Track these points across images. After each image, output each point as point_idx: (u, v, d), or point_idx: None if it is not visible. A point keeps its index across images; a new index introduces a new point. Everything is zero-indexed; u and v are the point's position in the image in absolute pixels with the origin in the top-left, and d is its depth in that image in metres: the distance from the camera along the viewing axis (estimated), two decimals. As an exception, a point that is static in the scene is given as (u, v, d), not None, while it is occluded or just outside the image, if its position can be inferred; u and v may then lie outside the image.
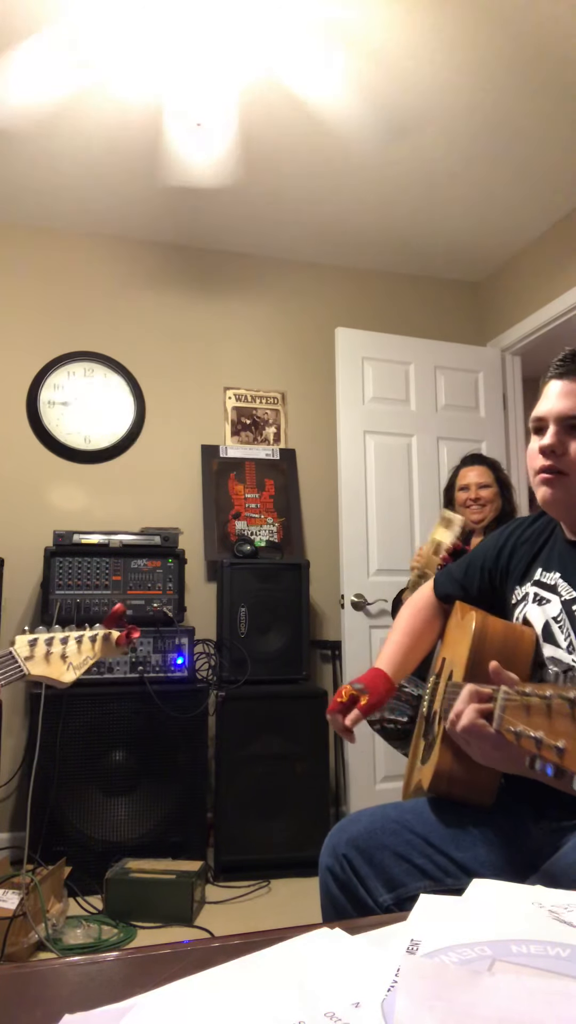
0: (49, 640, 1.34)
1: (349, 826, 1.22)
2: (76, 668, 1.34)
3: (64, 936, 2.29)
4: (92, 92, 2.62)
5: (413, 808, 1.24)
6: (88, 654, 1.36)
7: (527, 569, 1.31)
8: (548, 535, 1.32)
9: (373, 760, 3.26)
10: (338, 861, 1.18)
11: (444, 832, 1.18)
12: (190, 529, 3.47)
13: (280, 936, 0.55)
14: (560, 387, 1.18)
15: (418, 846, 1.17)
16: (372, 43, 2.39)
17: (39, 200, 3.34)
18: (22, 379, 3.46)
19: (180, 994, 0.47)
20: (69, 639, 1.36)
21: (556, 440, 1.16)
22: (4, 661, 1.29)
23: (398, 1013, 0.41)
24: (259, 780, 2.91)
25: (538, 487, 1.21)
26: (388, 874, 1.15)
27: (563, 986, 0.43)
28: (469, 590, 1.43)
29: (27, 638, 1.33)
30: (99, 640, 1.38)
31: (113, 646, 1.40)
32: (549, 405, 1.18)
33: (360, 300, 3.96)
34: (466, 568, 1.45)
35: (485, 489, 2.73)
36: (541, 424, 1.20)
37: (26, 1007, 0.52)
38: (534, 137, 2.90)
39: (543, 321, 3.57)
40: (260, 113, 2.72)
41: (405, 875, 1.15)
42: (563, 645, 1.16)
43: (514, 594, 1.32)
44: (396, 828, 1.19)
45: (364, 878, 1.15)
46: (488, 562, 1.40)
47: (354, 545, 3.39)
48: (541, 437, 1.20)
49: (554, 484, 1.17)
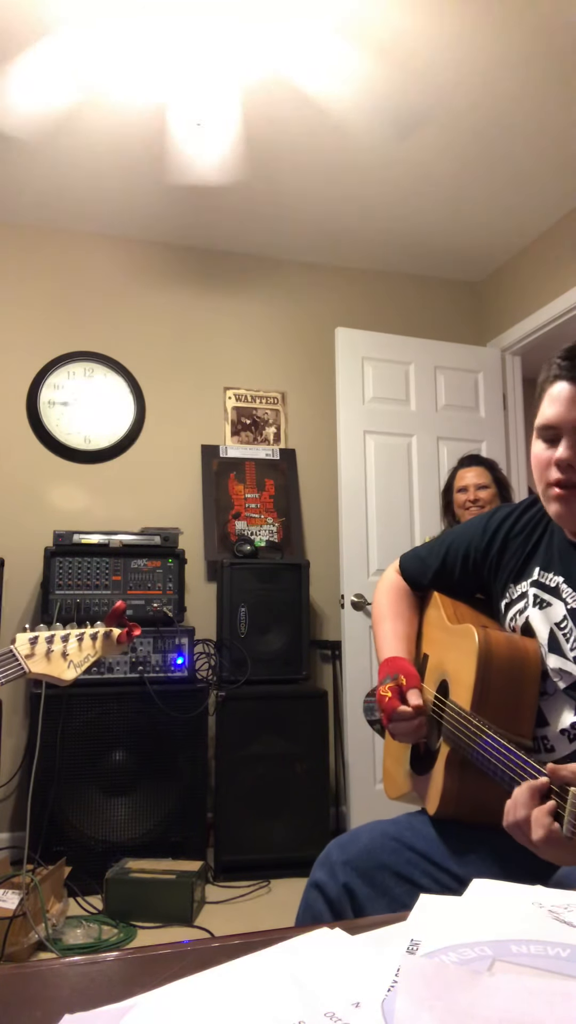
0: (50, 638, 1.34)
1: (348, 845, 1.18)
2: (77, 666, 1.34)
3: (64, 936, 2.29)
4: (95, 96, 2.62)
5: (412, 824, 1.20)
6: (89, 652, 1.36)
7: (523, 566, 1.25)
8: (543, 530, 1.25)
9: (373, 760, 3.26)
10: (336, 885, 1.13)
11: (444, 848, 1.15)
12: (190, 529, 3.47)
13: (280, 936, 0.55)
14: (571, 391, 1.08)
15: (419, 864, 1.14)
16: (379, 40, 2.38)
17: (41, 201, 3.34)
18: (22, 379, 3.46)
19: (180, 994, 0.47)
20: (70, 637, 1.35)
21: (573, 453, 1.08)
22: (5, 659, 1.29)
23: (398, 1013, 0.41)
24: (259, 780, 2.91)
25: (550, 501, 1.13)
26: (390, 895, 1.11)
27: (563, 986, 0.43)
28: (447, 579, 1.36)
29: (28, 636, 1.33)
30: (100, 638, 1.38)
31: (114, 644, 1.39)
32: (562, 412, 1.08)
33: (360, 300, 3.96)
34: (444, 556, 1.37)
35: (483, 490, 2.73)
36: (553, 433, 1.10)
37: (26, 1007, 0.52)
38: (534, 137, 2.90)
39: (543, 321, 3.57)
40: (263, 112, 2.71)
41: (407, 896, 1.11)
42: (570, 656, 1.11)
43: (508, 592, 1.27)
44: (396, 847, 1.16)
45: (363, 903, 1.11)
46: (475, 552, 1.32)
47: (354, 545, 3.39)
48: (549, 445, 1.11)
49: (570, 501, 1.10)
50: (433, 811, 1.17)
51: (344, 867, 1.14)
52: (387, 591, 1.46)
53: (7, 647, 1.31)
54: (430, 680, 1.32)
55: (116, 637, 1.39)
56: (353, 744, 3.22)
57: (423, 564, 1.41)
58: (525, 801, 0.89)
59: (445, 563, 1.37)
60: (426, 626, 1.42)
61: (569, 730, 1.12)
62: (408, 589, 1.45)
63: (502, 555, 1.29)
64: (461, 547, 1.35)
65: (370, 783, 3.25)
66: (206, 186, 3.17)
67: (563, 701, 1.13)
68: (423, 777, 1.26)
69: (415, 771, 1.31)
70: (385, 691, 1.21)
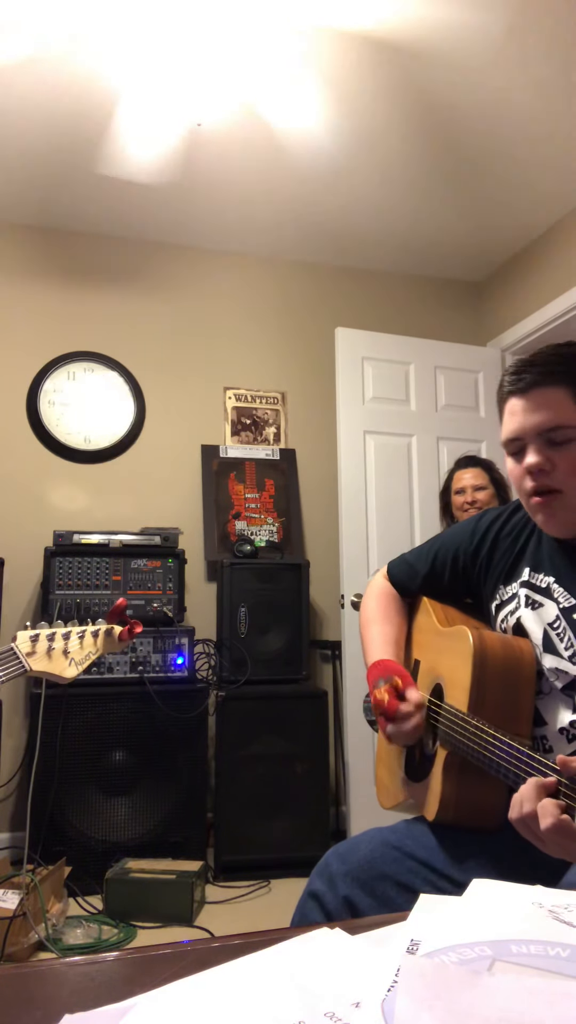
0: (51, 636, 1.33)
1: (348, 855, 1.16)
2: (78, 664, 1.33)
3: (64, 936, 2.29)
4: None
5: (412, 832, 1.19)
6: (90, 649, 1.36)
7: (513, 568, 1.25)
8: (531, 531, 1.25)
9: (373, 760, 3.25)
10: (336, 897, 1.12)
11: (445, 855, 1.14)
12: (190, 529, 3.47)
13: (280, 936, 0.55)
14: (523, 403, 1.12)
15: (420, 873, 1.13)
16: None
17: (42, 201, 3.34)
18: (22, 379, 3.46)
19: (180, 994, 0.47)
20: (71, 635, 1.35)
21: (542, 457, 1.10)
22: (6, 657, 1.29)
23: (398, 1013, 0.41)
24: (259, 780, 2.91)
25: (535, 512, 1.15)
26: (391, 905, 1.10)
27: (563, 986, 0.43)
28: (437, 583, 1.36)
29: (28, 634, 1.33)
30: (101, 635, 1.37)
31: (115, 641, 1.39)
32: (521, 422, 1.12)
33: (360, 300, 3.96)
34: (432, 560, 1.37)
35: (481, 491, 2.74)
36: (518, 445, 1.14)
37: (26, 1007, 0.52)
38: (535, 136, 2.90)
39: (543, 321, 3.57)
40: (262, 107, 2.71)
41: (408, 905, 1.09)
42: (565, 655, 1.12)
43: (498, 593, 1.27)
44: (397, 856, 1.15)
45: (365, 914, 1.10)
46: (464, 555, 1.32)
47: (354, 545, 3.39)
48: (518, 458, 1.14)
49: (551, 505, 1.12)
50: (432, 816, 1.16)
51: (344, 878, 1.12)
52: (375, 596, 1.45)
53: (8, 645, 1.31)
54: (423, 685, 1.31)
55: (117, 634, 1.39)
56: (353, 744, 3.22)
57: (411, 569, 1.41)
58: (532, 796, 0.89)
59: (434, 567, 1.37)
60: (416, 632, 1.40)
61: (568, 728, 1.12)
62: (396, 595, 1.44)
63: (491, 557, 1.29)
64: (450, 550, 1.35)
65: (370, 783, 3.24)
66: (207, 186, 3.17)
67: (560, 700, 1.13)
68: (419, 784, 1.24)
69: (410, 778, 1.29)
70: (381, 694, 1.20)
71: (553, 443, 1.10)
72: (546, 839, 0.87)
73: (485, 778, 1.12)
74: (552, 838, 0.86)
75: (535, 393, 1.12)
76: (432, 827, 1.18)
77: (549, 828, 0.85)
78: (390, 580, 1.46)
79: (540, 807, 0.87)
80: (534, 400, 1.11)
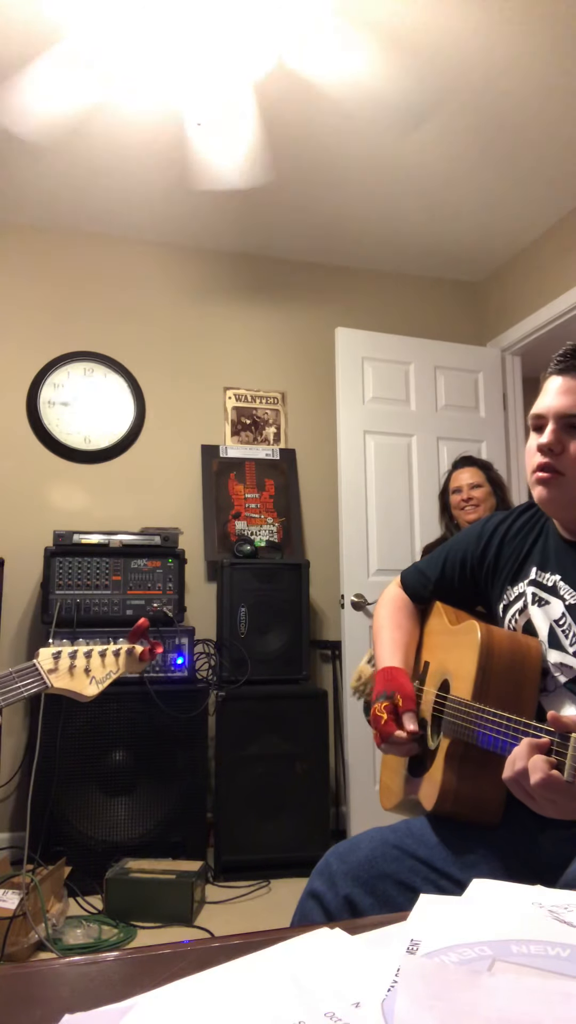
0: (73, 653, 1.35)
1: (348, 855, 1.16)
2: (99, 682, 1.35)
3: (64, 936, 2.29)
4: (105, 101, 2.62)
5: (412, 830, 1.19)
6: (111, 668, 1.37)
7: (520, 568, 1.27)
8: (539, 531, 1.28)
9: (373, 760, 3.26)
10: (336, 897, 1.12)
11: (446, 853, 1.14)
12: (190, 529, 3.47)
13: (280, 936, 0.55)
14: (560, 383, 1.15)
15: (421, 871, 1.13)
16: (385, 31, 2.38)
17: (43, 201, 3.35)
18: (22, 379, 3.46)
19: (180, 994, 0.47)
20: (93, 653, 1.36)
21: (554, 438, 1.13)
22: (27, 672, 1.30)
23: (398, 1013, 0.41)
24: (259, 780, 2.91)
25: (534, 486, 1.18)
26: (392, 904, 1.10)
27: (563, 986, 0.43)
28: (447, 588, 1.39)
29: (51, 651, 1.34)
30: (123, 655, 1.39)
31: (136, 660, 1.41)
32: (549, 402, 1.16)
33: (360, 300, 3.96)
34: (442, 565, 1.40)
35: (477, 489, 2.75)
36: (541, 422, 1.17)
37: (26, 1007, 0.52)
38: (535, 136, 2.90)
39: (543, 321, 3.57)
40: (270, 107, 2.68)
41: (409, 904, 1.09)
42: (570, 651, 1.13)
43: (505, 594, 1.28)
44: (397, 855, 1.15)
45: (365, 914, 1.10)
46: (472, 558, 1.35)
47: (354, 545, 3.39)
48: (540, 435, 1.17)
49: (551, 483, 1.15)
50: (431, 806, 1.17)
51: (345, 878, 1.12)
52: (387, 603, 1.48)
53: (30, 661, 1.32)
54: (431, 683, 1.32)
55: (139, 654, 1.40)
56: (353, 744, 3.22)
57: (423, 576, 1.44)
58: (524, 754, 0.91)
59: (444, 572, 1.40)
60: (427, 635, 1.43)
61: None
62: (408, 601, 1.47)
63: (498, 559, 1.32)
64: (458, 555, 1.38)
65: (370, 783, 3.25)
66: (208, 187, 3.17)
67: (564, 696, 1.15)
68: (420, 778, 1.25)
69: (412, 774, 1.30)
70: (381, 711, 1.22)
71: (571, 428, 1.13)
72: (536, 795, 0.89)
73: (485, 770, 1.13)
74: (542, 793, 0.88)
75: (570, 378, 1.14)
76: (433, 825, 1.19)
77: (538, 783, 0.87)
78: (403, 588, 1.49)
79: (531, 763, 0.89)
80: (567, 384, 1.14)
